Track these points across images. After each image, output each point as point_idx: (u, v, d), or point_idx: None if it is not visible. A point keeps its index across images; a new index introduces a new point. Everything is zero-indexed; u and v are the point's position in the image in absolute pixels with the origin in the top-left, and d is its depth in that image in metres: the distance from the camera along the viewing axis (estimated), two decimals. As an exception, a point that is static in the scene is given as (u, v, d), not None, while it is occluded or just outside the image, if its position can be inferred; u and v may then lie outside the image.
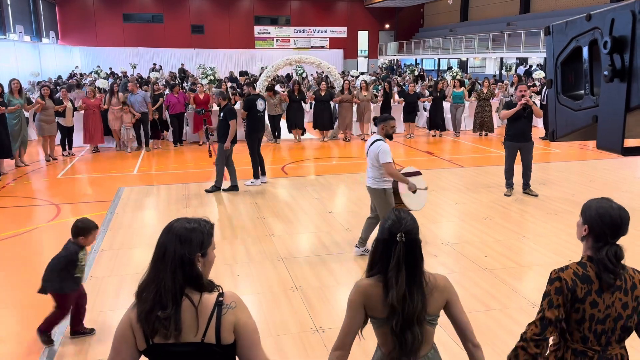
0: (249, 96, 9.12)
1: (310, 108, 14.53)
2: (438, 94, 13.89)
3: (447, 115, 14.60)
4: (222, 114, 8.29)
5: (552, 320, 2.10)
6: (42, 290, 4.04)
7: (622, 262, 2.12)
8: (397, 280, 2.03)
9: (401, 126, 14.54)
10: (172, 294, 1.79)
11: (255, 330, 1.89)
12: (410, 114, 13.82)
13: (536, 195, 7.96)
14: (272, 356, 3.89)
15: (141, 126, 12.13)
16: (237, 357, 1.89)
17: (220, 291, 1.88)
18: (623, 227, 2.09)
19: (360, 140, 13.55)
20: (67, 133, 11.69)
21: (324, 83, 13.85)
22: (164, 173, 10.11)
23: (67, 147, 11.73)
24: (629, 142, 1.65)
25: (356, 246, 5.85)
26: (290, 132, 13.59)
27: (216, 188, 8.46)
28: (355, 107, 13.57)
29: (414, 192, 5.64)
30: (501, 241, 6.14)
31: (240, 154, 9.51)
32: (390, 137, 5.51)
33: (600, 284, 2.09)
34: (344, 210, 7.54)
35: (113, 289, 4.83)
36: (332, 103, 13.58)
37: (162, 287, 1.79)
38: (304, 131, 13.74)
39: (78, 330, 4.14)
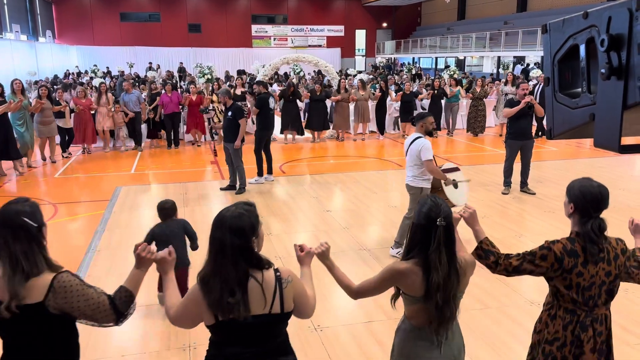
0: (260, 94, 9.27)
1: (305, 107, 14.32)
2: (436, 92, 13.80)
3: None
4: (230, 113, 8.14)
5: (525, 270, 2.47)
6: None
7: (605, 233, 2.40)
8: (440, 261, 2.20)
9: (389, 126, 14.54)
10: (237, 280, 1.99)
11: (306, 295, 2.21)
12: (406, 114, 13.66)
13: (534, 194, 7.98)
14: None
15: (133, 126, 12.03)
16: None
17: (275, 267, 2.12)
18: (603, 201, 2.37)
19: (356, 141, 13.54)
20: (66, 134, 11.49)
21: (317, 85, 13.46)
22: (161, 172, 10.09)
23: (66, 149, 11.55)
24: (626, 140, 1.65)
25: (392, 247, 5.82)
26: (281, 132, 13.03)
27: (242, 189, 8.37)
28: (352, 106, 13.49)
29: (456, 187, 5.66)
30: (499, 239, 6.14)
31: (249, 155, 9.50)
32: (430, 134, 5.60)
33: (585, 256, 2.37)
34: (341, 209, 7.54)
35: (111, 288, 4.83)
36: (328, 103, 13.46)
37: (227, 276, 1.99)
38: (300, 132, 13.17)
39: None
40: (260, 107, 9.00)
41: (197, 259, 2.79)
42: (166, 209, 4.46)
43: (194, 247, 4.47)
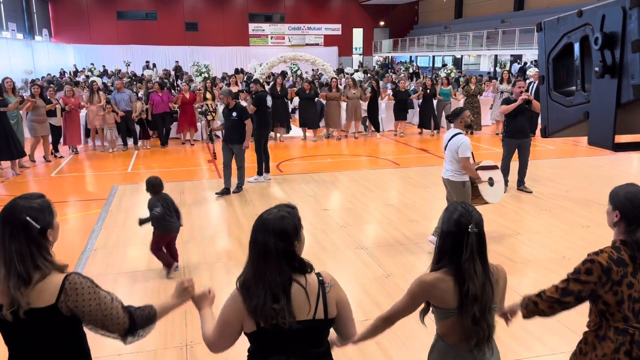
0: (257, 93, 9.26)
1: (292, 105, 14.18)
2: (428, 91, 13.80)
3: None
4: (235, 114, 7.91)
5: (573, 292, 2.24)
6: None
7: None
8: (475, 270, 2.10)
9: (391, 124, 14.54)
10: (282, 286, 1.92)
11: (349, 304, 2.11)
12: (401, 112, 13.69)
13: (530, 192, 7.99)
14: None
15: (126, 125, 11.97)
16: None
17: (316, 271, 2.05)
18: None
19: (348, 139, 13.54)
20: (58, 133, 11.33)
21: (307, 84, 13.42)
22: (158, 171, 10.07)
23: (57, 148, 11.37)
24: (620, 138, 1.65)
25: (433, 234, 5.88)
26: (271, 130, 12.92)
27: (240, 187, 8.27)
28: (345, 105, 13.45)
29: (492, 185, 5.66)
30: (496, 238, 6.16)
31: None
32: (470, 127, 5.71)
33: (634, 266, 2.20)
34: (339, 208, 7.55)
35: (108, 287, 4.81)
36: (318, 100, 13.38)
37: (271, 282, 1.91)
38: (288, 129, 13.17)
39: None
40: (257, 105, 8.98)
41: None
42: (158, 184, 5.08)
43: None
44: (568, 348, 3.85)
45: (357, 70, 26.63)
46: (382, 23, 41.78)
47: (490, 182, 5.66)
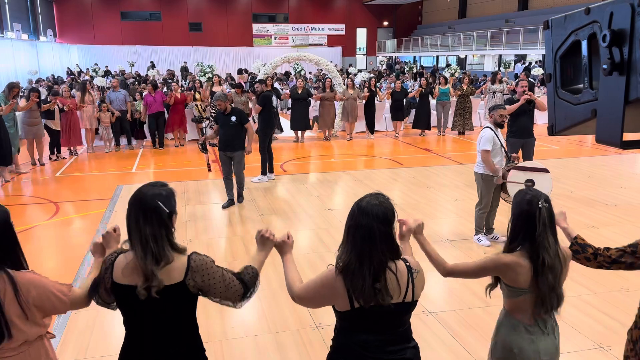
0: (262, 92, 9.23)
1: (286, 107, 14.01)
2: (423, 91, 13.67)
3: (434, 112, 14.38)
4: (234, 118, 7.28)
5: (622, 261, 2.44)
6: None
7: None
8: (548, 242, 2.28)
9: (389, 125, 14.48)
10: (383, 267, 2.06)
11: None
12: (397, 112, 13.58)
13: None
14: (272, 353, 3.90)
15: (120, 125, 11.97)
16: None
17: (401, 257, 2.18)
18: None
19: (352, 140, 13.53)
20: (56, 136, 11.04)
21: (300, 81, 13.27)
22: (163, 171, 10.10)
23: (55, 151, 11.12)
24: (628, 136, 1.65)
25: (484, 234, 6.04)
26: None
27: (241, 196, 7.78)
28: (341, 105, 13.39)
29: (531, 186, 5.66)
30: (500, 238, 6.14)
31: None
32: (500, 126, 5.82)
33: None
34: (343, 208, 7.54)
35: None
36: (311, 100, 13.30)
37: (376, 262, 2.04)
38: (279, 130, 12.98)
39: None
40: (263, 105, 8.96)
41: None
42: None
43: None
44: (573, 348, 3.85)
45: (360, 71, 26.63)
46: (385, 23, 41.74)
47: (528, 184, 5.64)
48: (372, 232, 2.04)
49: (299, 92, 12.73)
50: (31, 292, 2.08)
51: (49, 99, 10.88)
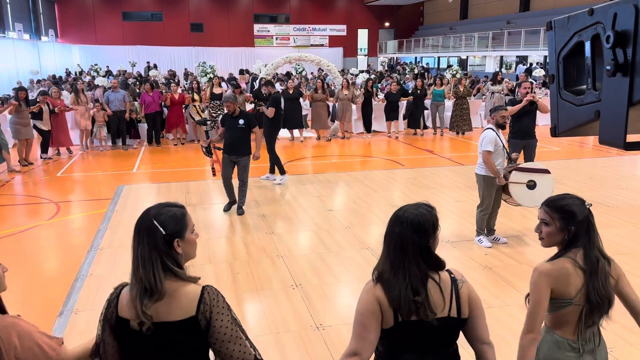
0: (272, 94, 9.18)
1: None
2: (418, 92, 13.74)
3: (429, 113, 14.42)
4: (242, 122, 6.97)
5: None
6: None
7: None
8: (595, 242, 2.21)
9: (383, 126, 14.50)
10: (420, 280, 1.93)
11: (481, 303, 2.07)
12: (392, 113, 13.60)
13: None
14: (273, 354, 3.89)
15: (117, 125, 11.99)
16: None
17: (447, 268, 2.04)
18: None
19: (353, 140, 13.52)
20: (47, 136, 10.99)
21: (290, 81, 13.38)
22: (164, 171, 10.10)
23: (46, 150, 11.06)
24: (631, 138, 1.64)
25: (485, 235, 6.00)
26: None
27: (241, 209, 7.33)
28: (336, 105, 13.38)
29: (533, 187, 5.64)
30: (501, 239, 6.13)
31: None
32: (502, 127, 5.76)
33: None
34: (343, 209, 7.54)
35: (113, 286, 4.86)
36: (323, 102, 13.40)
37: (411, 274, 1.92)
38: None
39: None
40: (275, 107, 8.94)
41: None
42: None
43: None
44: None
45: (361, 72, 26.63)
46: (387, 24, 41.75)
47: (530, 184, 5.62)
48: (404, 242, 1.94)
49: (290, 92, 12.78)
50: (13, 341, 1.73)
51: (38, 100, 10.85)
